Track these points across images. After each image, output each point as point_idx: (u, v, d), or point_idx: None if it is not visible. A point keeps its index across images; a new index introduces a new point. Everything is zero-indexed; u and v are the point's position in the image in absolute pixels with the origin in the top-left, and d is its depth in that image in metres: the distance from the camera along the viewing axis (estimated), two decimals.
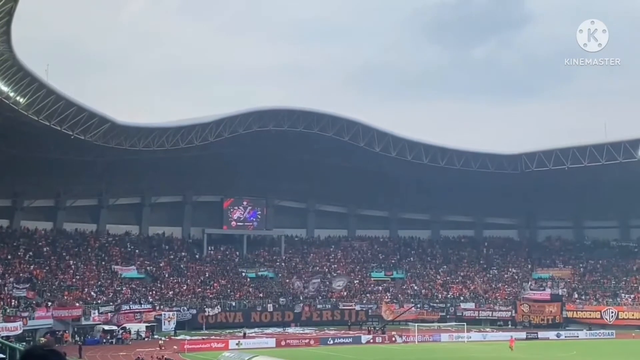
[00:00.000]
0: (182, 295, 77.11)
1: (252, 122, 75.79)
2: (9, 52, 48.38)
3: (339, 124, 78.55)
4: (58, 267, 74.16)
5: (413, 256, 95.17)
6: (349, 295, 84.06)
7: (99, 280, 74.47)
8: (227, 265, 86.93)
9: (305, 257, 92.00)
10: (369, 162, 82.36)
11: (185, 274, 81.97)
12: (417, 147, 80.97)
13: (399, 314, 78.82)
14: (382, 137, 79.88)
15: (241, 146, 77.70)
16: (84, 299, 69.62)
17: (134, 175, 77.59)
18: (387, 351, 62.77)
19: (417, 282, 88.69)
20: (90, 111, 62.16)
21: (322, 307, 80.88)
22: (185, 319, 73.43)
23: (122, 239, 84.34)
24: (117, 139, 67.58)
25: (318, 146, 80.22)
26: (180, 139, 72.04)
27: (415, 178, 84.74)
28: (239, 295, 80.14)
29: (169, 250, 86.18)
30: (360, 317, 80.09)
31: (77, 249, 79.08)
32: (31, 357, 3.81)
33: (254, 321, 75.77)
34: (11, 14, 41.69)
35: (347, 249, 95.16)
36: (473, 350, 61.90)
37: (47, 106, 57.12)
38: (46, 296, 67.82)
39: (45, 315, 63.37)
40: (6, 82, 51.38)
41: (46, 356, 3.81)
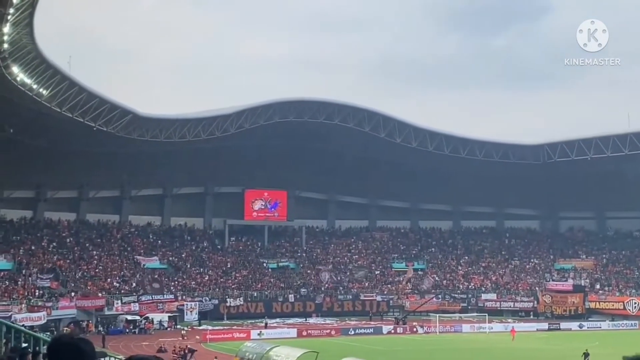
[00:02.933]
0: (204, 286, 77.55)
1: (273, 113, 75.92)
2: (32, 44, 48.72)
3: (360, 114, 78.44)
4: (81, 258, 74.85)
5: (434, 247, 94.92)
6: (370, 286, 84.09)
7: (122, 271, 75.07)
8: (248, 255, 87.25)
9: (326, 247, 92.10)
10: (389, 152, 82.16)
11: (207, 265, 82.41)
12: (438, 137, 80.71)
13: (420, 304, 78.79)
14: (403, 128, 79.67)
15: (262, 137, 77.85)
16: (107, 289, 70.23)
17: (155, 166, 77.98)
18: (409, 342, 62.75)
19: (438, 273, 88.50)
20: (113, 103, 62.56)
21: (343, 298, 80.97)
22: (207, 309, 73.87)
23: (144, 230, 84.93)
24: (139, 131, 67.97)
25: (339, 137, 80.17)
26: (202, 130, 72.32)
27: (437, 169, 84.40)
28: (260, 285, 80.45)
29: (190, 240, 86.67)
30: (381, 307, 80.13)
31: (100, 239, 79.74)
32: (61, 344, 3.85)
33: (275, 311, 76.03)
34: (34, 6, 41.97)
35: (367, 239, 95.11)
36: (494, 341, 61.71)
37: (70, 98, 57.54)
38: (70, 286, 68.49)
39: (68, 306, 64.03)
40: (29, 74, 51.77)
41: (77, 344, 3.84)
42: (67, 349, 3.80)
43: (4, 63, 47.09)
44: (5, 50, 45.17)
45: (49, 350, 3.94)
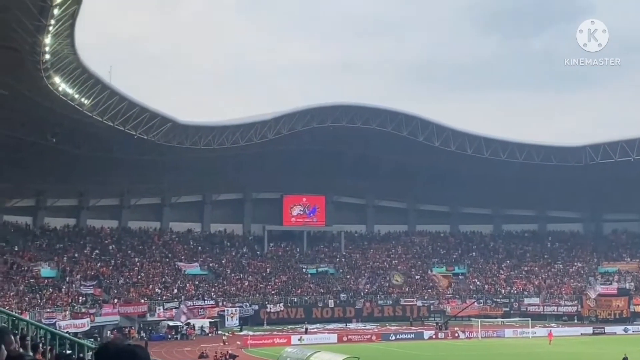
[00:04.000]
0: (244, 291, 77.84)
1: (311, 118, 76.02)
2: (73, 54, 49.40)
3: (397, 118, 78.15)
4: (123, 265, 75.69)
5: (475, 251, 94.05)
6: (410, 291, 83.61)
7: (163, 277, 75.73)
8: (287, 261, 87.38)
9: (365, 252, 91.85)
10: (428, 156, 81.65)
11: (246, 270, 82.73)
12: (477, 140, 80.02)
13: (462, 309, 78.12)
14: (442, 131, 79.14)
15: (300, 143, 77.98)
16: (149, 295, 70.88)
17: (195, 173, 78.55)
18: (450, 347, 62.22)
19: (479, 278, 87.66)
20: (152, 111, 63.18)
21: (383, 303, 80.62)
22: (247, 314, 74.12)
23: (184, 236, 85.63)
24: (178, 138, 68.54)
25: (376, 141, 79.92)
26: (240, 136, 72.68)
27: (476, 172, 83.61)
28: (300, 291, 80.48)
29: (230, 247, 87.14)
30: (422, 312, 79.58)
31: (141, 246, 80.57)
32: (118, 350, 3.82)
33: (315, 317, 75.98)
34: (74, 17, 42.52)
35: (407, 244, 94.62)
36: (537, 346, 60.88)
37: (110, 107, 58.23)
38: (112, 293, 69.30)
39: (111, 312, 64.78)
40: (71, 84, 52.50)
41: (133, 350, 3.81)
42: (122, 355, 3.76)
43: (46, 74, 47.81)
44: (47, 61, 45.85)
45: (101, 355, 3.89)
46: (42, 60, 44.97)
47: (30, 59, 45.41)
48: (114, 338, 57.23)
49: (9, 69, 47.73)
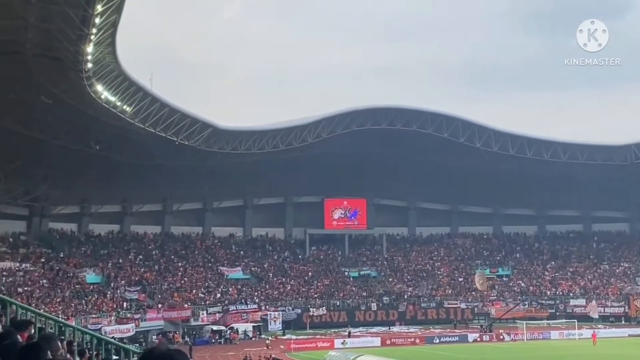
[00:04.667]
0: (287, 295, 77.96)
1: (350, 121, 75.91)
2: (114, 63, 50.04)
3: (438, 120, 77.60)
4: (167, 270, 76.37)
5: (519, 252, 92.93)
6: (454, 293, 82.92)
7: (207, 282, 76.22)
8: (329, 264, 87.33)
9: (407, 255, 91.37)
10: (469, 157, 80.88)
11: (288, 274, 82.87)
12: (519, 140, 79.06)
13: (506, 311, 77.21)
14: (483, 132, 78.37)
15: (340, 146, 77.87)
16: (193, 300, 71.38)
17: (236, 178, 78.96)
18: (495, 349, 61.52)
19: (524, 279, 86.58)
20: (193, 117, 63.69)
21: (426, 306, 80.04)
22: (290, 318, 74.18)
23: (227, 241, 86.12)
24: (219, 144, 68.99)
25: (417, 143, 79.42)
26: (280, 141, 72.89)
27: (519, 172, 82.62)
28: (342, 294, 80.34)
29: (272, 251, 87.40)
30: (466, 315, 78.84)
31: (184, 251, 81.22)
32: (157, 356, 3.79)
33: (358, 320, 75.73)
34: (115, 25, 43.05)
35: (450, 246, 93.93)
36: (582, 348, 59.88)
37: (152, 114, 58.85)
38: (156, 298, 69.96)
39: (156, 317, 65.37)
40: (113, 91, 53.17)
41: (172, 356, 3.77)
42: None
43: (88, 82, 48.49)
44: (89, 70, 46.51)
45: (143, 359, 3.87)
46: (85, 68, 45.61)
47: (73, 67, 46.12)
48: (159, 343, 57.71)
49: (53, 78, 48.54)
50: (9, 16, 38.84)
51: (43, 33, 41.64)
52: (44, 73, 47.56)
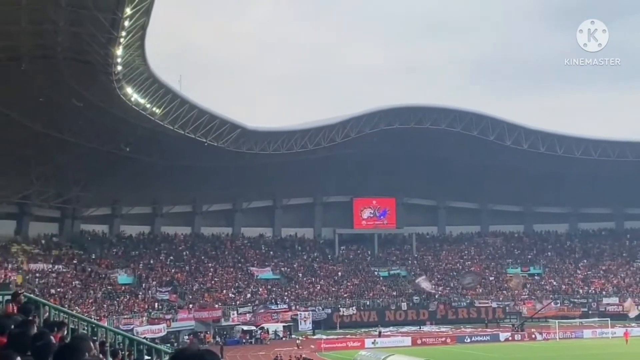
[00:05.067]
0: (317, 295, 78.00)
1: (378, 121, 75.76)
2: (144, 65, 50.42)
3: (467, 118, 77.12)
4: (197, 270, 76.80)
5: (550, 251, 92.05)
6: (485, 293, 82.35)
7: (237, 282, 76.53)
8: (359, 264, 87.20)
9: (437, 254, 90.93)
10: (499, 155, 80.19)
11: (318, 274, 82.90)
12: (550, 138, 78.30)
13: (537, 310, 76.52)
14: (513, 130, 77.70)
15: (368, 145, 77.70)
16: (223, 300, 71.70)
17: (265, 178, 79.14)
18: (527, 349, 60.98)
19: (555, 278, 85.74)
20: (222, 118, 63.98)
21: (457, 305, 79.59)
22: (320, 318, 74.21)
23: (256, 241, 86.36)
24: (248, 144, 69.24)
25: (446, 142, 78.96)
26: (308, 141, 72.96)
27: (550, 170, 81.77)
28: (372, 294, 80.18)
29: (301, 251, 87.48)
30: (497, 314, 78.25)
31: (214, 252, 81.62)
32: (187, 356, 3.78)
33: (388, 320, 75.51)
34: (144, 28, 43.37)
35: (480, 245, 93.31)
36: (615, 346, 59.10)
37: (181, 115, 59.23)
38: (187, 298, 70.39)
39: (187, 317, 65.78)
40: (143, 94, 53.59)
41: (202, 356, 3.77)
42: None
43: (118, 85, 48.92)
44: (119, 73, 46.91)
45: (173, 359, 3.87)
46: (115, 71, 46.03)
47: (103, 70, 46.57)
48: (190, 343, 58.10)
49: (83, 81, 49.06)
50: (40, 21, 39.37)
51: (73, 37, 42.12)
52: (75, 76, 48.09)
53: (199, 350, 3.82)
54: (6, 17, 38.48)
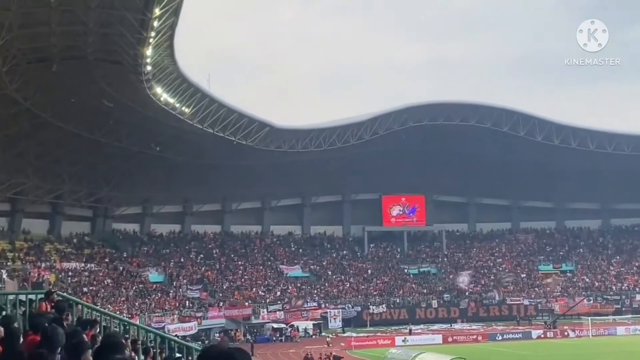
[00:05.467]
0: (346, 293, 77.94)
1: (407, 118, 75.40)
2: (173, 65, 50.69)
3: (497, 114, 76.42)
4: (227, 268, 77.15)
5: (582, 247, 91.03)
6: (517, 290, 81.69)
7: (266, 280, 76.73)
8: (388, 262, 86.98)
9: (468, 251, 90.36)
10: (530, 151, 79.33)
11: (347, 272, 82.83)
12: (581, 133, 77.34)
13: (570, 307, 75.74)
14: (544, 126, 76.82)
15: (397, 143, 77.40)
16: (253, 298, 71.94)
17: (294, 176, 79.24)
18: (560, 346, 60.35)
19: (588, 275, 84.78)
20: (251, 117, 64.12)
21: (488, 303, 79.03)
22: (350, 316, 74.15)
23: (285, 239, 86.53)
24: (276, 143, 69.33)
25: (476, 138, 78.31)
26: (337, 139, 72.85)
27: (581, 166, 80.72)
28: (402, 291, 79.92)
29: (330, 249, 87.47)
30: (529, 311, 77.58)
31: (244, 250, 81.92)
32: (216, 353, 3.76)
33: (418, 318, 75.22)
34: (173, 28, 43.59)
35: (511, 242, 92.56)
36: None
37: (210, 114, 59.46)
38: (218, 296, 70.73)
39: (217, 315, 66.10)
40: (172, 93, 53.89)
41: (232, 354, 3.74)
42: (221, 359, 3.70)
43: (148, 85, 49.25)
44: (148, 73, 47.22)
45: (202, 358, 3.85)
46: (144, 71, 46.34)
47: (132, 71, 46.90)
48: (221, 341, 58.34)
49: (114, 81, 49.47)
50: (69, 22, 39.73)
51: (103, 38, 42.48)
52: (105, 77, 48.52)
53: (229, 349, 3.78)
54: (36, 18, 38.92)
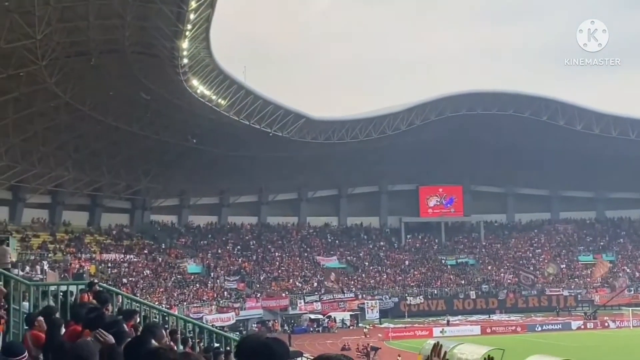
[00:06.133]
0: (383, 284, 77.80)
1: (444, 108, 74.83)
2: (209, 57, 50.97)
3: (535, 103, 75.47)
4: (264, 259, 77.50)
5: (623, 237, 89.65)
6: (556, 281, 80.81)
7: (303, 271, 76.93)
8: (426, 253, 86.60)
9: (506, 242, 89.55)
10: (570, 141, 78.18)
11: (384, 263, 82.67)
12: (622, 122, 76.03)
13: (611, 298, 74.71)
14: (583, 115, 75.67)
15: (434, 133, 76.91)
16: (290, 289, 72.19)
17: (329, 167, 79.24)
18: (600, 337, 59.55)
19: (629, 265, 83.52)
20: (286, 108, 64.24)
21: (527, 294, 78.30)
22: (387, 307, 74.00)
23: (322, 230, 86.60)
24: (312, 134, 69.35)
25: (514, 128, 77.49)
26: (373, 129, 72.65)
27: (623, 155, 79.32)
28: (439, 283, 79.55)
29: (367, 240, 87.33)
30: (569, 302, 76.71)
31: (280, 241, 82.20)
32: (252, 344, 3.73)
33: (456, 309, 74.78)
34: (209, 20, 43.81)
35: (550, 232, 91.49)
36: None
37: (246, 106, 59.70)
38: (255, 287, 71.12)
39: (255, 306, 66.48)
40: (208, 85, 54.20)
41: (269, 344, 3.70)
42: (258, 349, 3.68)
43: (184, 77, 49.58)
44: (185, 65, 47.54)
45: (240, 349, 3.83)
46: (181, 64, 46.67)
47: (169, 63, 47.27)
48: (259, 332, 58.69)
49: (151, 74, 49.88)
50: (107, 15, 40.13)
51: (140, 31, 42.83)
52: (142, 70, 48.95)
53: (266, 338, 3.75)
54: (75, 12, 39.37)
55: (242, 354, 3.75)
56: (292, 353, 7.55)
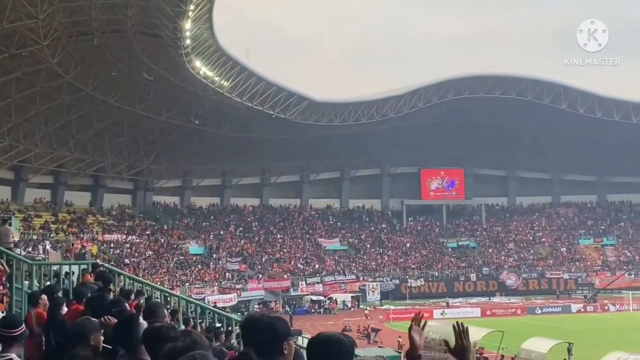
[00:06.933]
0: (385, 266, 78.04)
1: (447, 91, 74.69)
2: (212, 38, 50.93)
3: (538, 87, 75.32)
4: (266, 241, 77.72)
5: (624, 221, 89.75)
6: (556, 264, 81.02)
7: (305, 253, 77.16)
8: (427, 235, 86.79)
9: (507, 225, 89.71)
10: (572, 124, 78.09)
11: (386, 245, 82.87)
12: (625, 106, 75.91)
13: (611, 281, 74.94)
14: (586, 98, 75.55)
15: (436, 116, 76.87)
16: (292, 270, 72.46)
17: (332, 150, 79.22)
18: (599, 320, 59.81)
19: (629, 249, 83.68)
20: (289, 90, 64.20)
21: (527, 276, 78.55)
22: (388, 289, 74.28)
23: (324, 213, 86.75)
24: (315, 116, 69.32)
25: (516, 111, 77.38)
26: (375, 112, 72.58)
27: (624, 139, 79.18)
28: (440, 265, 79.79)
29: (369, 222, 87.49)
30: (569, 285, 76.97)
31: (282, 223, 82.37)
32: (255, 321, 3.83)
33: (457, 291, 75.06)
34: (212, 1, 43.78)
35: (551, 215, 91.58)
36: None
37: (249, 88, 59.68)
38: (257, 269, 71.39)
39: (256, 287, 66.82)
40: (211, 67, 54.17)
41: (271, 322, 3.81)
42: (261, 327, 3.79)
43: (187, 58, 49.57)
44: (188, 46, 47.53)
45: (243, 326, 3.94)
46: (183, 45, 46.65)
47: (172, 44, 47.25)
48: (260, 311, 58.99)
49: (153, 55, 49.87)
50: None
51: (142, 11, 42.78)
52: (145, 50, 48.93)
53: (269, 317, 3.86)
54: None
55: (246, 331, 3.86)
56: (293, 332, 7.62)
